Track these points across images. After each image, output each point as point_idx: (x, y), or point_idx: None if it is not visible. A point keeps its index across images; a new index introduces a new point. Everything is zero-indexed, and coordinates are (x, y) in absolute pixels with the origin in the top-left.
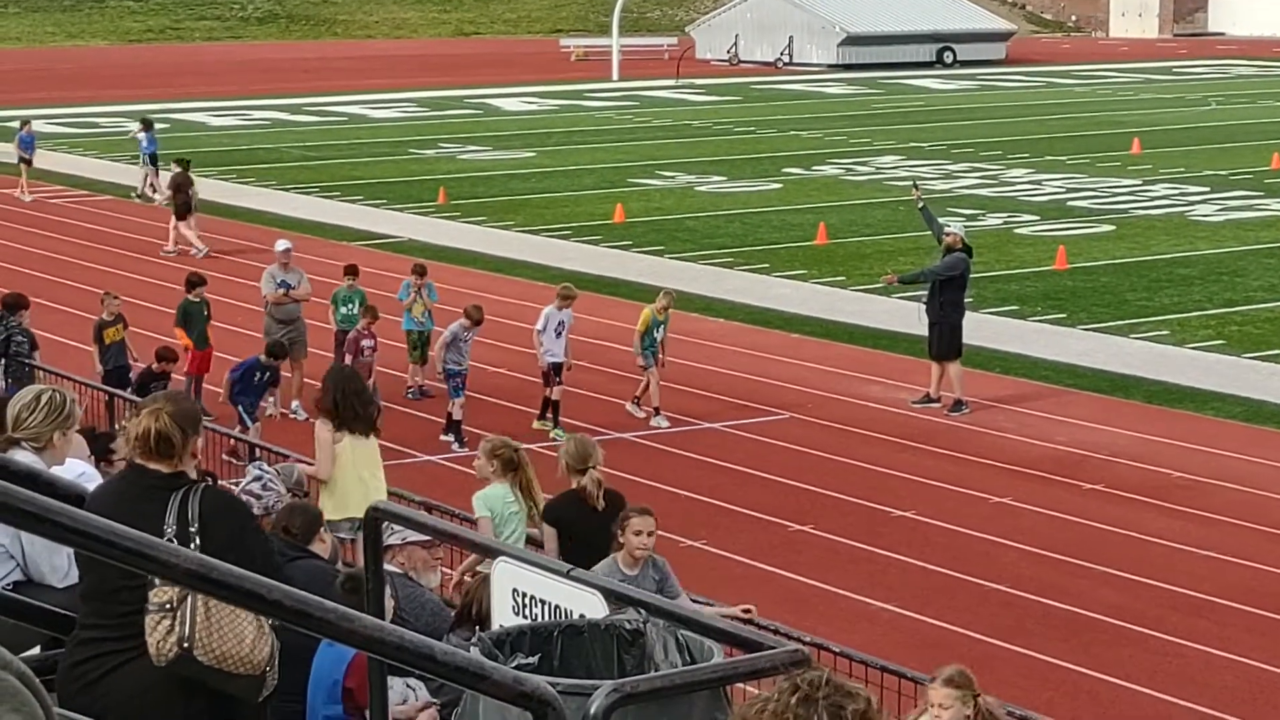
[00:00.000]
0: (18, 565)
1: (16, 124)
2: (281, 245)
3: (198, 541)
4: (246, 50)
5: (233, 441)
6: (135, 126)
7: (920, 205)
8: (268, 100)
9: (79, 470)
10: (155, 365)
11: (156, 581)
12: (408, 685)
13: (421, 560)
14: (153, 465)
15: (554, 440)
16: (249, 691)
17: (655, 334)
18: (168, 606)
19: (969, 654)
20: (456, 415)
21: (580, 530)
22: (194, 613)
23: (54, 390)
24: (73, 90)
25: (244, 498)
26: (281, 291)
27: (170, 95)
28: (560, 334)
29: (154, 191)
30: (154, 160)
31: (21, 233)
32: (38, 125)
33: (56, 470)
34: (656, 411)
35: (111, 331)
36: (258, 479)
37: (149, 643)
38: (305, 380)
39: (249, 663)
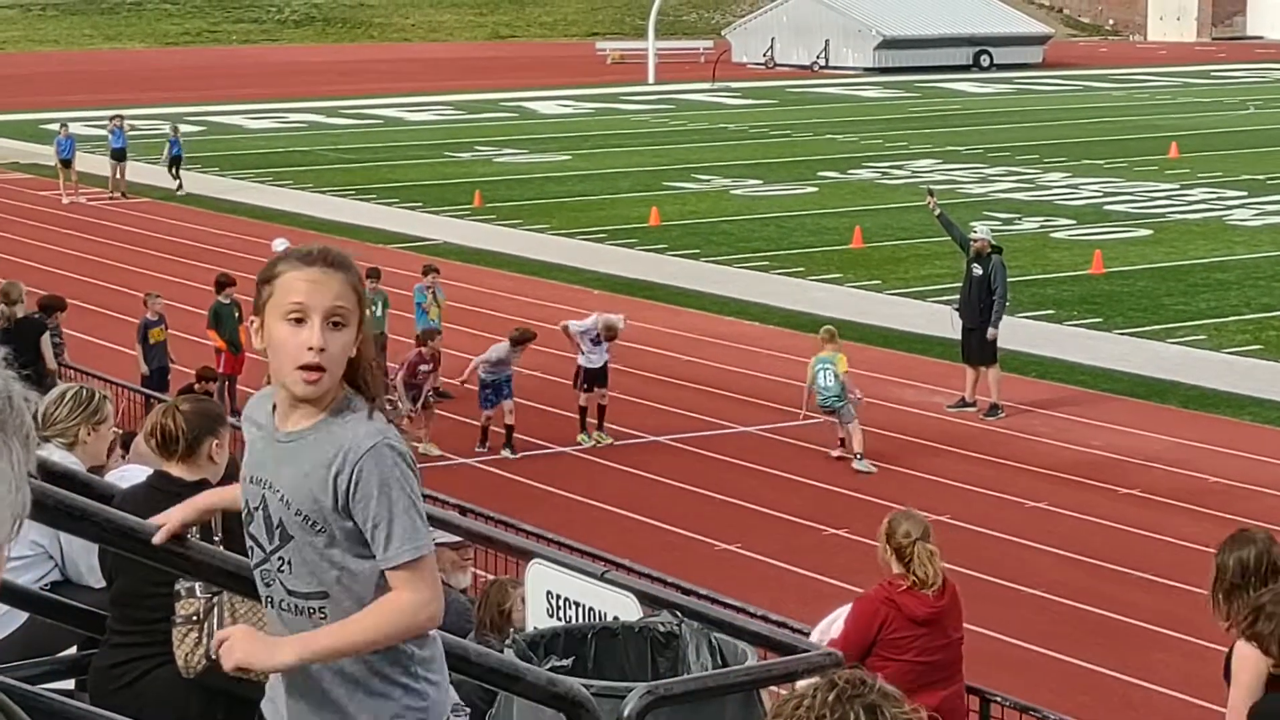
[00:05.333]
0: (56, 566)
1: (56, 126)
2: (279, 245)
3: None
4: (283, 53)
5: None
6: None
7: (937, 213)
8: (304, 103)
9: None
10: (197, 385)
11: (182, 593)
12: None
13: (450, 561)
14: (175, 471)
15: (596, 444)
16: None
17: (826, 374)
18: (194, 619)
19: (1003, 658)
20: (509, 421)
21: None
22: (221, 624)
23: (81, 387)
24: (111, 93)
25: None
26: None
27: (207, 98)
28: (600, 342)
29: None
30: (122, 156)
31: (59, 235)
32: (75, 129)
33: (114, 475)
34: (860, 456)
35: (156, 332)
36: None
37: (177, 655)
38: None
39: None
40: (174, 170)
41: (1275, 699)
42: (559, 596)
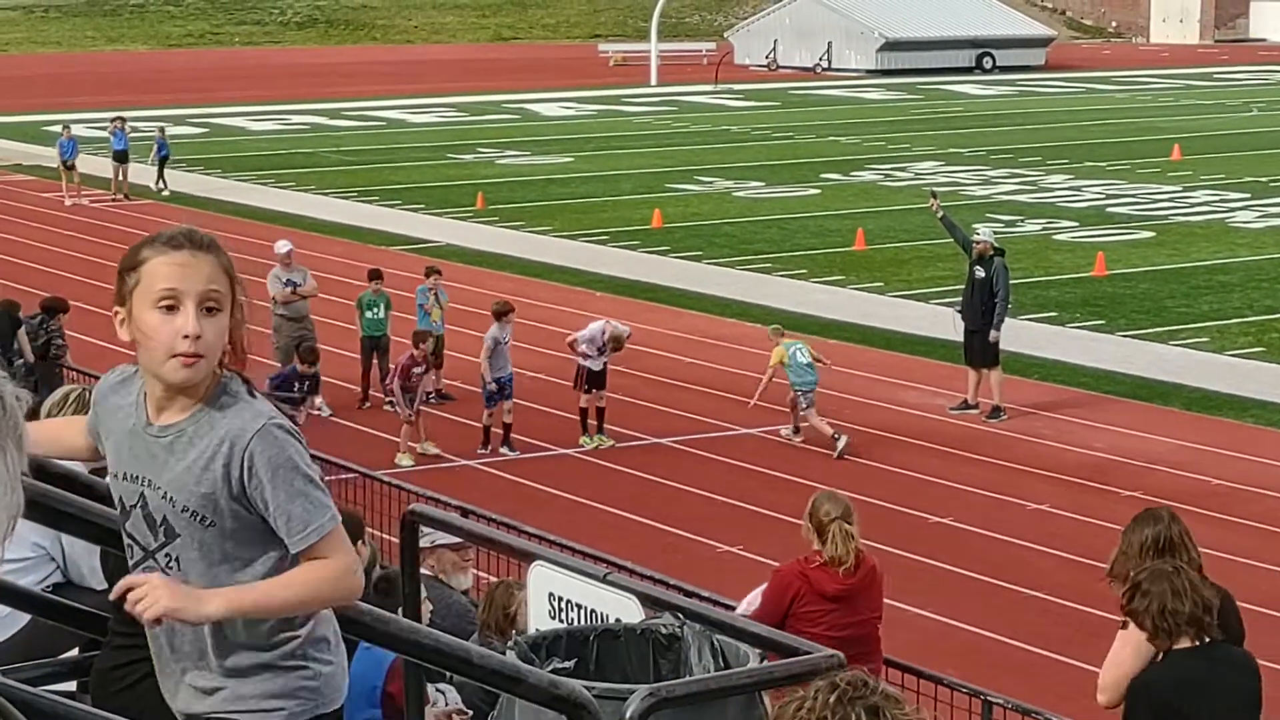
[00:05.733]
0: (58, 567)
1: (58, 128)
2: (283, 247)
3: None
4: (286, 55)
5: None
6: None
7: (940, 215)
8: (307, 105)
9: None
10: None
11: None
12: (437, 690)
13: (451, 562)
14: None
15: (597, 446)
16: None
17: (798, 359)
18: None
19: (1006, 660)
20: (507, 420)
21: None
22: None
23: (84, 388)
24: (113, 95)
25: None
26: (289, 290)
27: (209, 100)
28: (604, 351)
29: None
30: (124, 158)
31: (61, 237)
32: (78, 131)
33: None
34: (796, 430)
35: None
36: None
37: None
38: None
39: None
40: (161, 171)
41: (1156, 670)
42: (561, 598)
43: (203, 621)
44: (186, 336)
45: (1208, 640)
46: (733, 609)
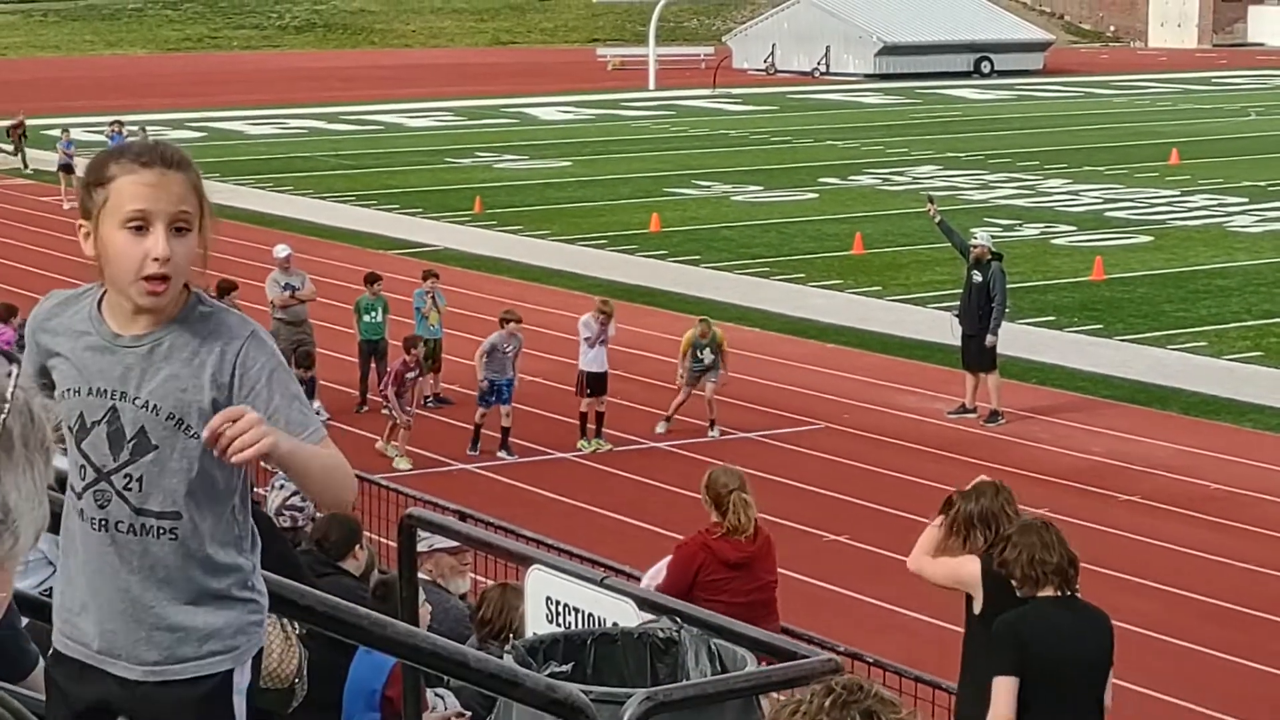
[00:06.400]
0: (55, 571)
1: (58, 132)
2: (282, 251)
3: None
4: (284, 59)
5: None
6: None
7: (937, 220)
8: (305, 109)
9: None
10: None
11: None
12: (436, 694)
13: (449, 567)
14: None
15: (595, 450)
16: (279, 704)
17: (700, 354)
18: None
19: None
20: (505, 424)
21: None
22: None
23: None
24: (112, 99)
25: (287, 513)
26: (287, 294)
27: (208, 104)
28: (603, 338)
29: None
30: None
31: (60, 241)
32: (76, 134)
33: None
34: (712, 424)
35: None
36: (297, 491)
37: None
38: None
39: (277, 676)
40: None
41: (1022, 613)
42: (558, 602)
43: (266, 451)
44: (156, 259)
45: (1069, 593)
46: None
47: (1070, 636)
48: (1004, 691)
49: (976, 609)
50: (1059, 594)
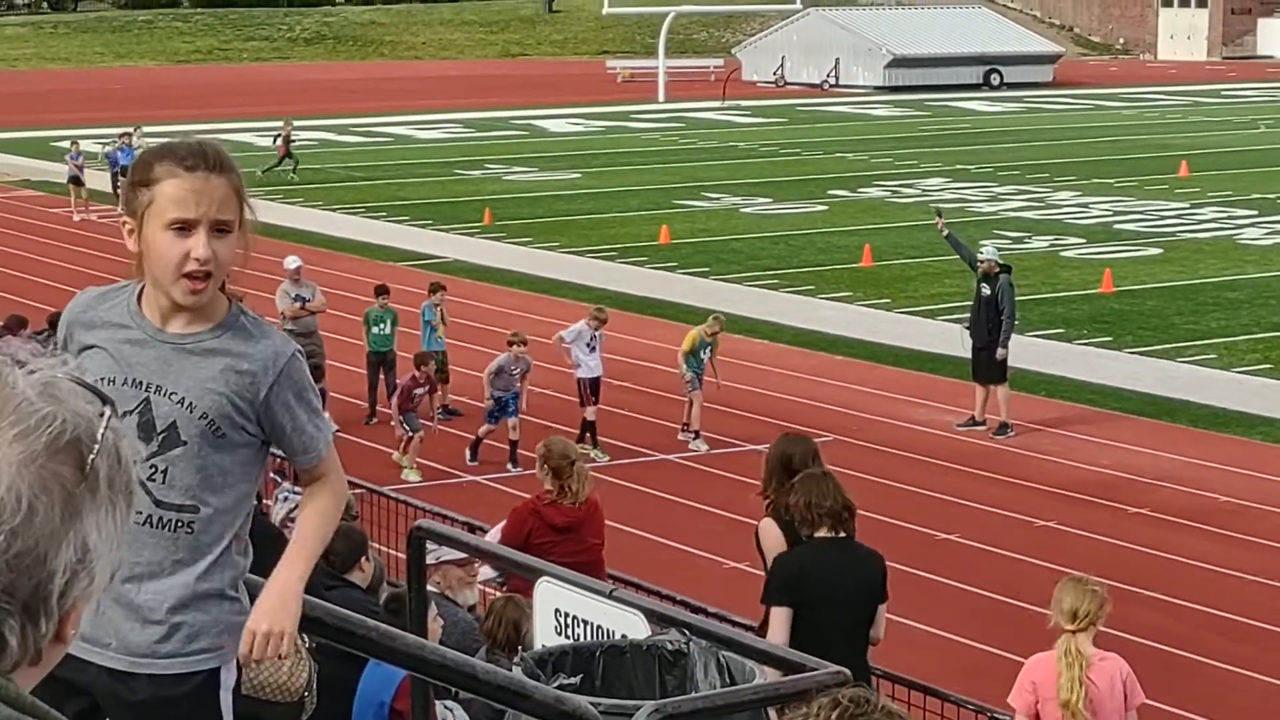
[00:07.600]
0: None
1: (67, 144)
2: (292, 263)
3: None
4: (294, 71)
5: (279, 461)
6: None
7: (945, 234)
8: (314, 121)
9: None
10: None
11: None
12: (445, 707)
13: (457, 579)
14: None
15: (594, 461)
16: (288, 718)
17: (702, 355)
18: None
19: (1012, 677)
20: (513, 436)
21: None
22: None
23: None
24: (122, 111)
25: (291, 526)
26: (298, 305)
27: (218, 115)
28: (595, 343)
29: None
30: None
31: (69, 252)
32: (86, 145)
33: None
34: (696, 435)
35: None
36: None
37: (271, 679)
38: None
39: (286, 690)
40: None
41: (796, 550)
42: (567, 614)
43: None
44: (197, 259)
45: (844, 535)
46: (742, 626)
47: (840, 571)
48: (779, 620)
49: None
50: (833, 534)
